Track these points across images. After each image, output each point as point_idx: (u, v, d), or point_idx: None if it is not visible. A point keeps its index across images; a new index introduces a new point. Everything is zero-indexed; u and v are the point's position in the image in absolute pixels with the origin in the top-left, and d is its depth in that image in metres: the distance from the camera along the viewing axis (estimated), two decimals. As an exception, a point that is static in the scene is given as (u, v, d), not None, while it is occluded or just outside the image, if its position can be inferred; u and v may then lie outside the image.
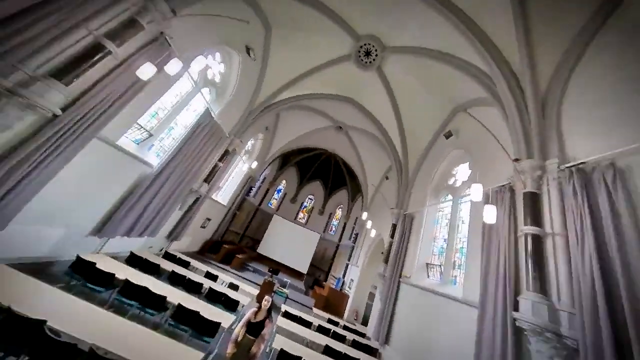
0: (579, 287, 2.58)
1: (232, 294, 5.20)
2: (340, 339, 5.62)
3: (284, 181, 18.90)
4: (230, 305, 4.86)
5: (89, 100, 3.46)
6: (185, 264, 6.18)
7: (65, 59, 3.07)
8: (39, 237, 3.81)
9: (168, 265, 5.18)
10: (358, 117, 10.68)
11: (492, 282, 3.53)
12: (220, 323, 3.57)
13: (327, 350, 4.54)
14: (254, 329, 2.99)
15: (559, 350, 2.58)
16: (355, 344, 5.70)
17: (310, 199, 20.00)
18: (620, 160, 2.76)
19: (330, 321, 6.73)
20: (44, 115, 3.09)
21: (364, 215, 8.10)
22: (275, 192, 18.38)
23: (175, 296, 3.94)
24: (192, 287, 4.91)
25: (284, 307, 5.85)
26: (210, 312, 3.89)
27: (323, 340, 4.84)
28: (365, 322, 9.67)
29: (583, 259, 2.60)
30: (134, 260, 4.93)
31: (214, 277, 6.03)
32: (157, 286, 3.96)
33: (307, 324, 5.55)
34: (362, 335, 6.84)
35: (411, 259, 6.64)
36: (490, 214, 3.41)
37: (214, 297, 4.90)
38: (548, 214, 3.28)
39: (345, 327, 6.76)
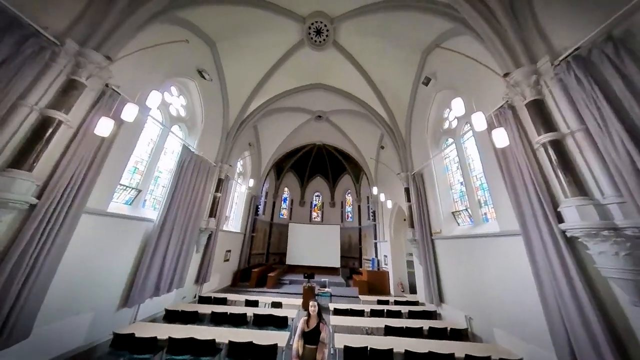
0: (619, 173, 2.41)
1: (277, 311, 5.11)
2: (396, 314, 5.54)
3: (286, 189, 18.74)
4: (280, 323, 4.76)
5: (60, 179, 3.26)
6: (223, 301, 6.08)
7: (17, 144, 2.87)
8: (70, 330, 3.68)
9: (206, 309, 5.07)
10: (333, 99, 10.42)
11: (526, 205, 3.37)
12: (276, 344, 3.46)
13: (387, 331, 4.45)
14: (311, 337, 2.87)
15: (620, 244, 2.44)
16: (412, 314, 5.62)
17: (317, 196, 19.87)
18: (616, 29, 2.54)
19: (380, 302, 6.66)
20: (20, 210, 2.91)
21: (374, 190, 7.94)
22: (282, 202, 18.24)
23: (224, 335, 3.82)
24: (237, 320, 4.80)
25: (331, 306, 5.76)
26: (262, 337, 3.78)
27: (379, 322, 4.75)
28: (413, 291, 9.65)
29: (613, 143, 2.42)
30: (171, 316, 4.82)
31: (254, 303, 5.93)
32: (202, 332, 3.86)
33: (359, 313, 5.47)
34: (415, 303, 6.77)
35: (435, 214, 6.50)
36: (499, 137, 3.22)
37: (261, 322, 4.80)
38: (559, 115, 3.09)
39: (396, 302, 6.69)
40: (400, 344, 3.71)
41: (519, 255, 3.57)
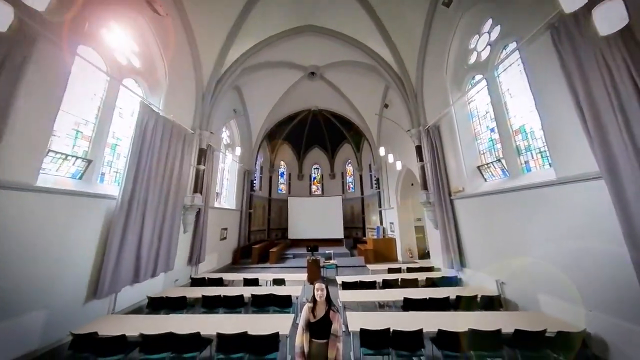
0: None
1: (279, 290, 4.47)
2: (413, 283, 4.96)
3: (282, 162, 17.61)
4: (282, 303, 4.13)
5: None
6: (218, 282, 5.46)
7: None
8: (20, 332, 2.95)
9: (198, 292, 4.41)
10: (328, 49, 8.70)
11: (617, 143, 2.34)
12: (277, 333, 2.76)
13: (407, 304, 3.82)
14: (319, 329, 2.09)
15: None
16: (430, 282, 5.05)
17: (316, 168, 18.84)
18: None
19: (391, 270, 6.12)
20: None
21: (381, 150, 6.86)
22: (279, 177, 17.29)
23: (213, 324, 3.13)
24: (233, 303, 4.16)
25: (339, 279, 5.16)
26: (260, 324, 3.10)
27: (396, 294, 4.13)
28: (422, 256, 9.29)
29: None
30: (156, 304, 4.16)
31: (254, 282, 5.32)
32: (187, 323, 3.16)
33: (370, 285, 4.88)
34: (430, 269, 6.25)
35: (455, 171, 5.55)
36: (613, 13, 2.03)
37: (261, 302, 4.17)
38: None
39: (409, 269, 6.15)
40: (428, 321, 3.05)
41: (588, 205, 2.68)
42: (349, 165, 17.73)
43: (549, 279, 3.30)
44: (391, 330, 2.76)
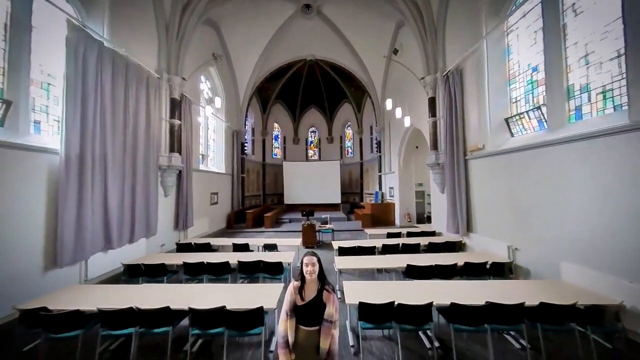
0: None
1: (269, 256, 4.08)
2: (414, 249, 4.62)
3: (275, 124, 16.22)
4: (273, 269, 3.76)
5: None
6: (206, 247, 5.09)
7: None
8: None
9: (180, 259, 4.00)
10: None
11: None
12: (261, 307, 2.33)
13: (410, 271, 3.46)
14: (309, 314, 1.57)
15: None
16: (433, 247, 4.73)
17: (313, 131, 17.56)
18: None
19: (390, 235, 5.81)
20: None
21: (388, 103, 5.80)
22: (274, 140, 16.15)
23: (189, 295, 2.71)
24: (218, 270, 3.78)
25: (335, 244, 4.79)
26: (246, 294, 2.70)
27: (398, 261, 3.76)
28: (419, 221, 9.13)
29: None
30: (133, 272, 3.76)
31: (244, 247, 4.94)
32: (159, 293, 2.73)
33: (369, 251, 4.52)
34: (432, 233, 5.95)
35: (476, 125, 4.69)
36: None
37: (250, 270, 3.80)
38: None
39: (409, 234, 5.85)
40: (435, 291, 2.65)
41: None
42: (349, 128, 16.45)
43: (579, 246, 2.85)
44: (396, 303, 2.34)
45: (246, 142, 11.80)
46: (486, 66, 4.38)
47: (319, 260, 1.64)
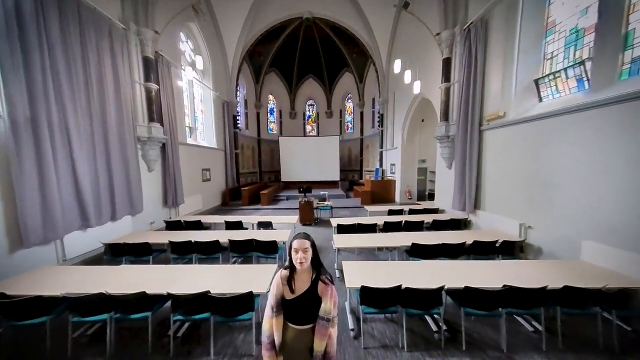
0: None
1: (264, 234, 3.80)
2: (417, 226, 4.37)
3: (270, 97, 15.06)
4: (266, 249, 3.49)
5: None
6: (197, 225, 4.80)
7: None
8: None
9: (167, 237, 3.70)
10: None
11: None
12: (250, 293, 2.06)
13: (415, 250, 3.20)
14: (300, 310, 1.25)
15: None
16: (437, 225, 4.48)
17: (311, 105, 16.44)
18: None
19: (392, 212, 5.55)
20: None
21: (396, 65, 5.04)
22: (269, 114, 15.15)
23: (172, 278, 2.44)
24: (208, 249, 3.51)
25: (333, 221, 4.51)
26: (233, 277, 2.43)
27: (399, 239, 3.49)
28: (420, 198, 8.90)
29: None
30: (116, 251, 3.48)
31: (237, 225, 4.66)
32: (137, 275, 2.45)
33: (370, 229, 4.26)
34: (434, 210, 5.70)
35: (497, 90, 4.07)
36: None
37: (241, 249, 3.53)
38: None
39: (412, 211, 5.58)
40: (446, 274, 2.39)
41: None
42: (349, 100, 15.36)
43: (609, 226, 2.53)
44: (403, 287, 2.07)
45: (239, 115, 10.93)
46: (520, 14, 3.60)
47: (312, 244, 1.27)
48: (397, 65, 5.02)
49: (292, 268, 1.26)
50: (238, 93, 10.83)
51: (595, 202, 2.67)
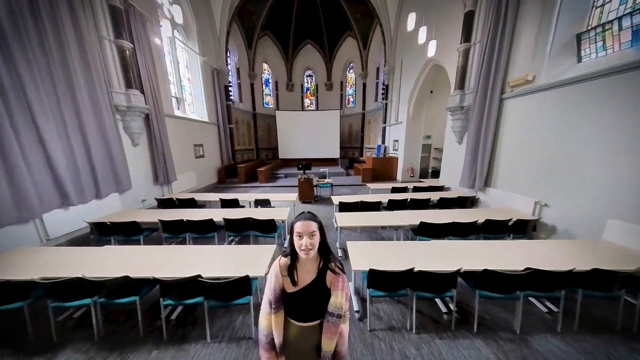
0: None
1: (261, 213, 3.56)
2: (423, 204, 4.16)
3: (265, 66, 13.80)
4: (264, 228, 3.28)
5: None
6: (190, 203, 4.55)
7: None
8: None
9: (157, 216, 3.45)
10: None
11: None
12: (247, 276, 1.86)
13: (423, 229, 3.01)
14: (305, 305, 1.00)
15: None
16: (443, 203, 4.27)
17: (310, 75, 15.21)
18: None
19: (395, 189, 5.31)
20: None
21: (410, 19, 4.31)
22: (264, 86, 14.04)
23: (161, 259, 2.22)
24: (202, 229, 3.29)
25: (335, 199, 4.28)
26: (227, 258, 2.22)
27: (405, 218, 3.29)
28: (422, 176, 8.66)
29: None
30: (103, 230, 3.25)
31: (233, 203, 4.41)
32: (121, 258, 2.23)
33: (373, 207, 4.04)
34: (439, 188, 5.47)
35: (528, 49, 3.51)
36: None
37: (238, 228, 3.31)
38: None
39: (416, 189, 5.35)
40: (460, 255, 2.20)
41: None
42: (351, 70, 14.18)
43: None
44: (415, 270, 1.88)
45: (231, 86, 10.02)
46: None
47: (320, 227, 0.98)
48: (410, 20, 4.32)
49: (293, 255, 0.99)
50: (229, 60, 9.79)
51: (634, 177, 2.39)
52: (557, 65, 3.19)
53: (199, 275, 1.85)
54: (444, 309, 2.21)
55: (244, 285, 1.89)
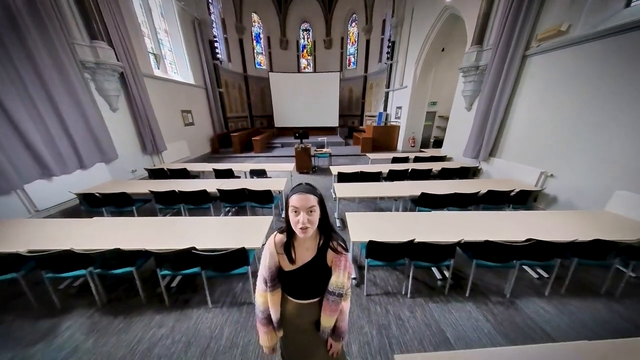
0: None
1: (257, 184, 3.43)
2: (425, 175, 4.06)
3: (254, 17, 12.01)
4: (261, 199, 3.19)
5: None
6: (182, 173, 4.36)
7: None
8: None
9: (148, 186, 3.30)
10: None
11: None
12: (243, 248, 1.80)
13: (424, 200, 2.95)
14: (303, 283, 0.93)
15: None
16: (445, 174, 4.16)
17: (306, 30, 13.43)
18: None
19: (396, 160, 5.14)
20: None
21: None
22: (255, 42, 12.47)
23: (153, 230, 2.15)
24: (195, 200, 3.19)
25: (333, 169, 4.13)
26: (222, 229, 2.15)
27: (406, 189, 3.21)
28: (424, 146, 8.39)
29: None
30: (92, 202, 3.12)
31: (227, 173, 4.24)
32: (112, 230, 2.15)
33: (373, 177, 3.93)
34: (442, 158, 5.32)
35: (566, -9, 2.92)
36: None
37: (233, 199, 3.21)
38: None
39: (417, 159, 5.19)
40: (461, 226, 2.16)
41: None
42: (354, 24, 12.50)
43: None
44: (416, 241, 1.85)
45: (216, 41, 8.82)
46: None
47: (320, 201, 0.83)
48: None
49: (290, 232, 0.87)
50: (211, 8, 8.40)
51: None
52: (598, 13, 2.69)
53: (193, 248, 1.79)
54: (438, 276, 2.28)
55: (241, 256, 1.85)
